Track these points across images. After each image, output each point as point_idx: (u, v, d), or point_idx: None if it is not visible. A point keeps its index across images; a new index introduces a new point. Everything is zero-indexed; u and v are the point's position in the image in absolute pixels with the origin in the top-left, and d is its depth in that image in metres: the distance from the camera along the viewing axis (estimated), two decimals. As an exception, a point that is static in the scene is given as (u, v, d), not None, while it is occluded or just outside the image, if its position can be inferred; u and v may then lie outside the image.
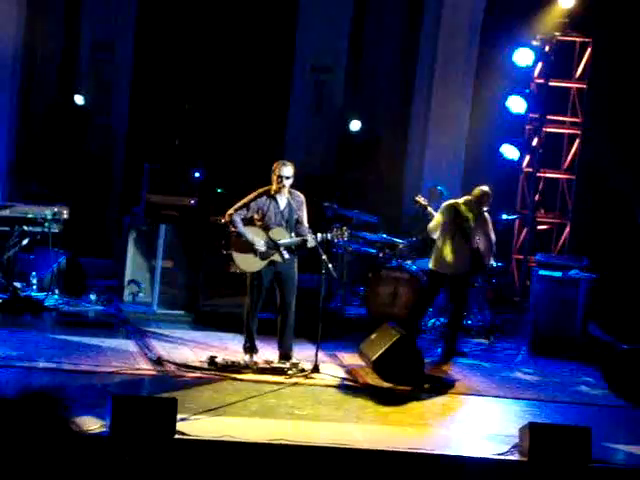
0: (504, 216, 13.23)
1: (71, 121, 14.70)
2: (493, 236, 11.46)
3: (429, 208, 11.75)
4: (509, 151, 14.15)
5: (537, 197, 14.30)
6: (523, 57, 13.93)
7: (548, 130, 14.25)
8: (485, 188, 11.37)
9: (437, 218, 11.41)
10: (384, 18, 15.42)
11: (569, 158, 14.32)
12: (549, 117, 14.22)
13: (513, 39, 13.97)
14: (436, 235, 11.38)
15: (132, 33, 14.95)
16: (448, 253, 11.33)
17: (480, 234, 11.34)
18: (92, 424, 7.66)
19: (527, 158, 14.38)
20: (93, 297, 12.48)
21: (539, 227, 14.39)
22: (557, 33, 13.99)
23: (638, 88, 13.55)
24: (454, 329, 11.57)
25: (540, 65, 14.15)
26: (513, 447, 8.21)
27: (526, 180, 14.45)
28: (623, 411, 10.17)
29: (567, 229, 14.21)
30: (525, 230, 14.35)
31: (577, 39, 14.10)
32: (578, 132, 14.23)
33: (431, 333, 12.29)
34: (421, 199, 12.07)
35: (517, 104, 14.01)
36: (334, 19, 15.35)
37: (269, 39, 15.13)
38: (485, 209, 11.40)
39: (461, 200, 11.45)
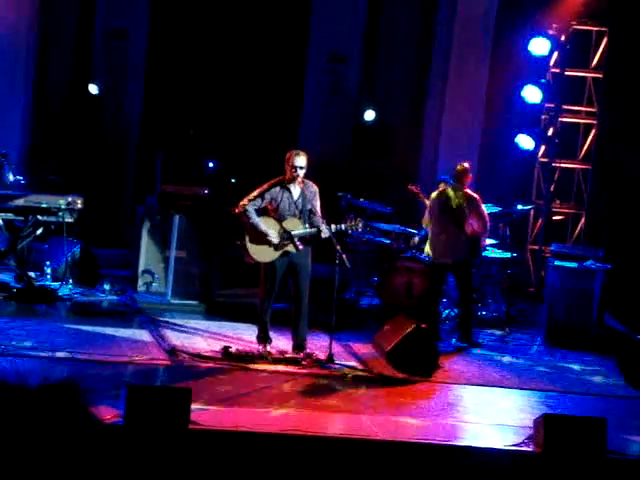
0: (519, 206, 13.18)
1: (85, 110, 14.69)
2: (486, 214, 11.49)
3: (422, 196, 11.81)
4: (524, 141, 14.09)
5: (552, 187, 14.24)
6: (539, 46, 13.86)
7: (564, 120, 14.19)
8: (463, 164, 11.45)
9: (427, 210, 11.50)
10: (399, 8, 15.36)
11: (585, 148, 14.25)
12: (565, 107, 14.16)
13: (529, 28, 13.91)
14: (429, 228, 11.46)
15: (146, 21, 14.94)
16: (444, 242, 11.36)
17: (472, 216, 11.36)
18: (107, 414, 7.65)
19: (543, 148, 14.32)
20: (107, 287, 12.47)
21: (554, 217, 14.34)
22: (573, 22, 13.92)
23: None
24: (467, 316, 11.60)
25: (556, 54, 14.08)
26: (528, 438, 8.17)
27: (541, 170, 14.39)
28: (639, 402, 10.12)
29: (582, 219, 14.15)
30: (540, 220, 14.30)
31: (593, 28, 14.03)
32: (594, 122, 14.16)
33: (445, 324, 12.26)
34: (414, 188, 12.13)
35: (533, 94, 13.94)
36: (349, 9, 15.30)
37: (284, 29, 15.09)
38: (469, 190, 11.43)
39: (448, 187, 11.49)
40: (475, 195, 11.57)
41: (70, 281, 12.31)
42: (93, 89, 14.60)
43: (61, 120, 14.65)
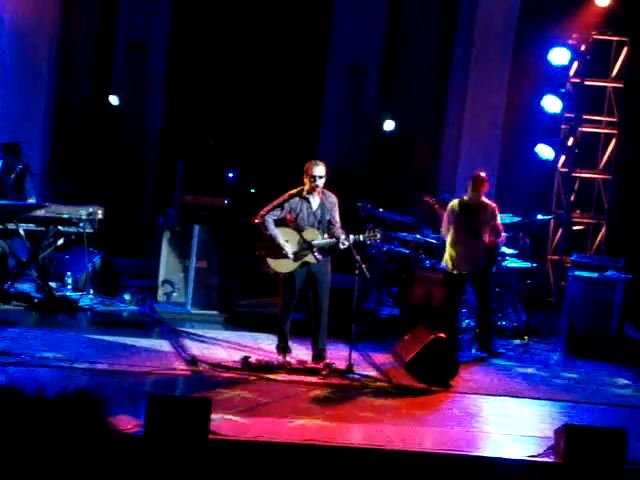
0: (539, 216, 13.15)
1: (106, 121, 14.76)
2: (499, 222, 11.49)
3: (437, 208, 11.82)
4: (544, 151, 14.06)
5: (573, 197, 14.19)
6: (559, 56, 13.84)
7: (584, 130, 14.15)
8: (479, 173, 11.46)
9: (444, 220, 11.52)
10: (418, 18, 15.38)
11: (605, 158, 14.21)
12: (585, 117, 14.12)
13: (548, 38, 13.88)
14: (447, 237, 11.47)
15: (167, 33, 15.00)
16: (461, 252, 11.36)
17: (487, 224, 11.37)
18: (127, 424, 7.67)
19: (563, 158, 14.29)
20: (127, 297, 12.52)
21: (575, 227, 14.29)
22: (593, 32, 13.89)
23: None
24: (486, 326, 11.60)
25: (576, 64, 14.04)
26: (548, 449, 8.15)
27: (562, 180, 14.35)
28: (659, 413, 10.08)
29: (603, 229, 14.10)
30: (560, 230, 14.26)
31: (613, 38, 14.00)
32: (614, 132, 14.12)
33: (465, 334, 12.23)
34: (429, 199, 12.16)
35: (553, 104, 13.92)
36: (368, 19, 15.33)
37: (304, 39, 15.13)
38: (485, 199, 11.42)
39: (465, 196, 11.51)
40: (491, 204, 11.57)
41: (91, 291, 12.37)
42: (114, 100, 14.67)
43: (82, 131, 14.72)
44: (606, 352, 11.96)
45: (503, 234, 11.63)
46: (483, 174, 11.59)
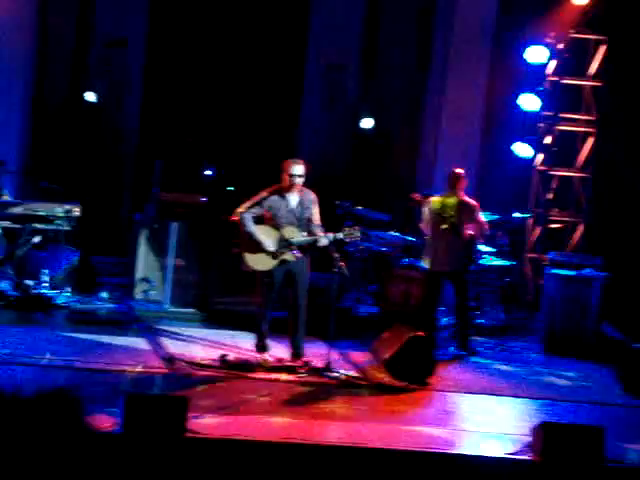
0: (517, 214, 13.18)
1: (83, 118, 14.69)
2: (483, 219, 11.52)
3: (424, 206, 11.85)
4: (522, 149, 14.09)
5: (550, 195, 14.23)
6: (537, 55, 13.87)
7: (562, 128, 14.19)
8: (457, 170, 11.49)
9: (425, 218, 11.54)
10: (397, 16, 15.38)
11: (583, 156, 14.25)
12: (563, 115, 14.16)
13: (527, 37, 13.92)
14: (427, 235, 11.51)
15: (144, 29, 14.94)
16: (441, 250, 11.39)
17: (467, 221, 11.39)
18: (104, 422, 7.64)
19: (540, 156, 14.32)
20: (105, 295, 12.48)
21: (552, 226, 14.33)
22: (571, 31, 13.94)
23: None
24: (464, 324, 11.64)
25: (554, 63, 14.09)
26: (526, 447, 8.16)
27: (539, 178, 14.39)
28: (637, 410, 10.11)
29: (581, 227, 14.14)
30: (538, 229, 14.29)
31: (591, 37, 14.04)
32: (592, 130, 14.16)
33: (443, 332, 12.24)
34: (417, 196, 12.17)
35: (530, 102, 13.95)
36: (347, 17, 15.32)
37: (282, 37, 15.11)
38: (464, 197, 11.45)
39: (443, 195, 11.53)
40: (472, 201, 11.60)
41: (68, 289, 12.31)
42: (91, 97, 14.60)
43: (59, 128, 14.64)
44: (584, 350, 12.01)
45: (487, 231, 11.64)
46: (460, 171, 11.61)
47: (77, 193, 13.03)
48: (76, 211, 12.37)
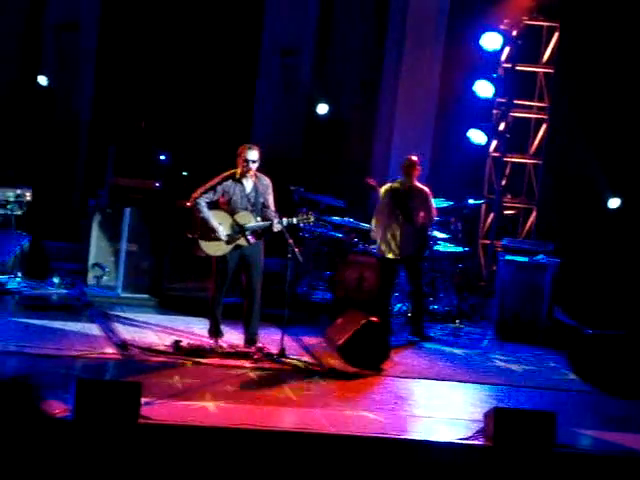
0: (471, 201, 13.23)
1: (35, 102, 14.53)
2: (434, 207, 11.57)
3: (379, 190, 11.88)
4: (476, 136, 14.13)
5: (504, 182, 14.30)
6: (491, 41, 13.90)
7: (515, 115, 14.25)
8: (411, 157, 11.55)
9: (377, 206, 11.58)
10: (352, 1, 15.35)
11: (536, 143, 14.33)
12: (516, 102, 14.21)
13: (481, 23, 13.95)
14: (377, 223, 11.52)
15: (97, 12, 14.79)
16: (394, 237, 11.43)
17: (421, 209, 11.44)
18: (56, 408, 7.59)
19: (494, 143, 14.38)
20: (57, 280, 12.38)
21: (506, 212, 14.40)
22: (524, 17, 13.99)
23: (605, 73, 13.57)
24: (418, 310, 11.69)
25: (507, 49, 14.13)
26: (478, 432, 8.21)
27: (493, 165, 14.45)
28: (588, 396, 10.20)
29: (533, 214, 14.22)
30: (492, 215, 14.36)
31: (544, 23, 14.11)
32: (545, 117, 14.23)
33: (397, 318, 12.28)
34: (371, 181, 12.21)
35: (484, 88, 13.99)
36: (302, 1, 15.26)
37: (236, 21, 15.02)
38: (418, 184, 11.53)
39: (395, 182, 11.58)
40: (425, 188, 11.64)
41: (19, 274, 12.20)
42: (42, 80, 14.45)
43: (9, 111, 14.47)
44: (536, 336, 12.11)
45: (435, 218, 11.72)
46: (415, 158, 11.65)
47: (29, 178, 12.90)
48: (27, 195, 12.27)
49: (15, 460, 6.63)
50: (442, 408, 9.25)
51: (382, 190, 11.64)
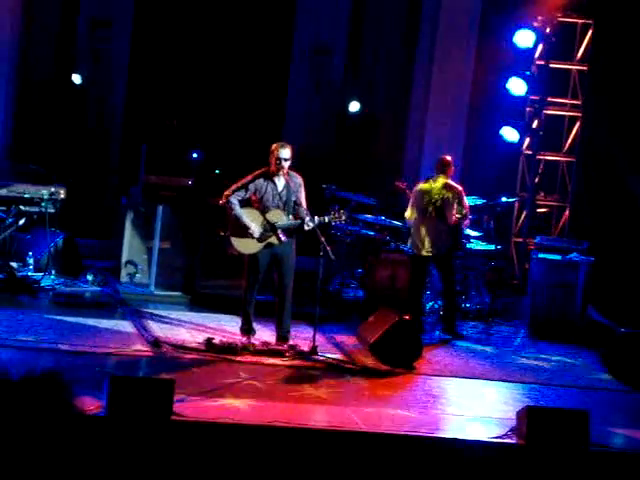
0: (504, 199, 13.18)
1: (68, 100, 14.62)
2: (466, 203, 11.55)
3: (408, 193, 11.88)
4: (509, 133, 14.08)
5: (537, 180, 14.25)
6: (524, 39, 13.86)
7: (548, 112, 14.19)
8: (446, 156, 11.56)
9: (411, 202, 11.57)
10: (384, 0, 15.33)
11: (569, 140, 14.26)
12: (549, 99, 14.16)
13: (514, 21, 13.90)
14: (412, 221, 11.52)
15: (131, 10, 14.86)
16: (427, 235, 11.42)
17: (453, 207, 11.42)
18: (89, 405, 7.63)
19: (527, 140, 14.32)
20: (90, 278, 12.44)
21: (539, 210, 14.35)
22: (558, 15, 13.93)
23: (639, 70, 13.47)
24: (450, 308, 11.67)
25: (541, 47, 14.08)
26: (511, 430, 8.18)
27: (526, 162, 14.39)
28: (622, 395, 10.15)
29: (567, 212, 14.16)
30: (525, 213, 14.31)
31: (578, 21, 14.04)
32: (578, 114, 14.16)
33: (429, 316, 12.26)
34: (400, 184, 12.22)
35: (517, 86, 13.94)
36: (334, 1, 15.27)
37: (269, 20, 15.06)
38: (451, 182, 11.51)
39: (431, 179, 11.57)
40: (458, 186, 11.62)
41: (53, 272, 12.27)
42: (76, 79, 14.53)
43: (44, 109, 14.56)
44: (569, 335, 12.04)
45: (469, 217, 11.70)
46: (449, 157, 11.65)
47: (62, 176, 12.97)
48: (61, 193, 12.33)
49: (48, 456, 6.67)
50: (474, 406, 9.21)
51: (416, 187, 11.65)
